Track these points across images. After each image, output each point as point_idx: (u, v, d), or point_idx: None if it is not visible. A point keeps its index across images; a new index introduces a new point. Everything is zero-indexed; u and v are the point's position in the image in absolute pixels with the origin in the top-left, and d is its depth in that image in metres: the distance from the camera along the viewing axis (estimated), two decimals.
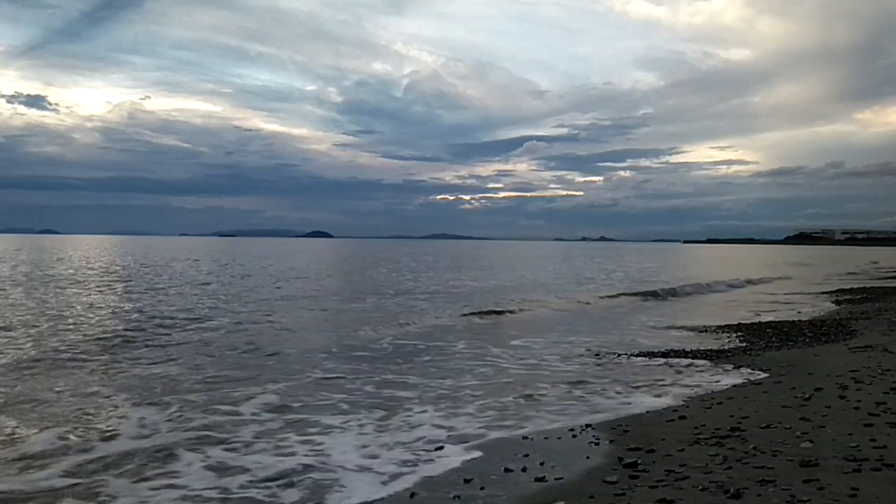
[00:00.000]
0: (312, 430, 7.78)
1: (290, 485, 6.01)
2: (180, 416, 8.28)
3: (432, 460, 6.66)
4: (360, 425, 7.98)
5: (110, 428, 7.67)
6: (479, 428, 7.83)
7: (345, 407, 8.88)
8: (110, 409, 8.55)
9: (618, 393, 9.61)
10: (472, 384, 10.42)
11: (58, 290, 25.52)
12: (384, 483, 6.04)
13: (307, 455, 6.83)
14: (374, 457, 6.77)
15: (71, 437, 7.28)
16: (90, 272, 37.24)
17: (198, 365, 11.58)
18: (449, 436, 7.50)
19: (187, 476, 6.23)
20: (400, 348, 13.96)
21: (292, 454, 6.87)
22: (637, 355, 12.98)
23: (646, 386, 10.01)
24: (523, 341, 15.14)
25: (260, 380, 10.45)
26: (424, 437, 7.44)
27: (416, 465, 6.49)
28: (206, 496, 5.78)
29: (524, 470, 6.18)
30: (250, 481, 6.09)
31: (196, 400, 9.10)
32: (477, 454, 6.80)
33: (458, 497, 5.57)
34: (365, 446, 7.13)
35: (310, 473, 6.30)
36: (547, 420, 8.15)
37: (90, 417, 8.12)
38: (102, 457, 6.68)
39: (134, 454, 6.78)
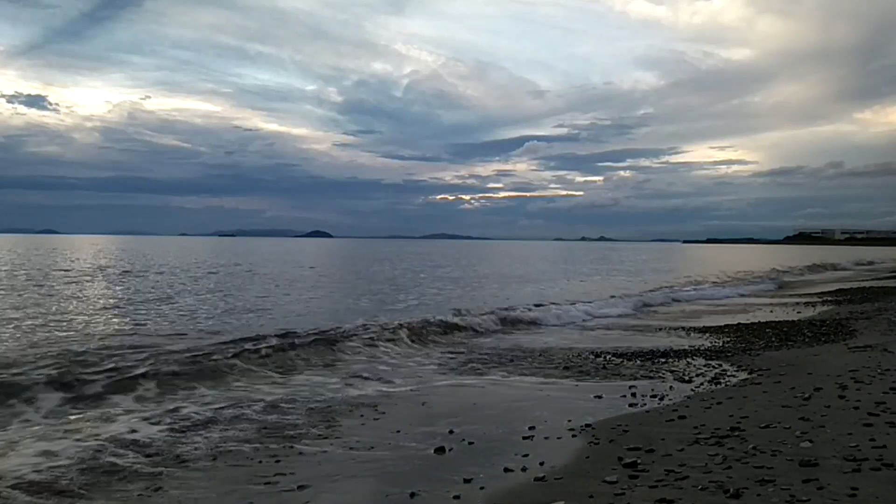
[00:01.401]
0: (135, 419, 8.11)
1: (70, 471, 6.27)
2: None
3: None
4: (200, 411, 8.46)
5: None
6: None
7: (208, 399, 9.33)
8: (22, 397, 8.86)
9: (620, 395, 9.62)
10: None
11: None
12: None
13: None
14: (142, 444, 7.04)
15: None
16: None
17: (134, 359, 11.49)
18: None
19: None
20: (328, 350, 13.43)
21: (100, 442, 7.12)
22: (637, 355, 12.97)
23: (646, 386, 10.01)
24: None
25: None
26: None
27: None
28: None
29: (524, 470, 6.18)
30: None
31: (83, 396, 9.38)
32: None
33: (458, 497, 5.57)
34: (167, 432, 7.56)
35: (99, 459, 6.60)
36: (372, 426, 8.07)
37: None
38: None
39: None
